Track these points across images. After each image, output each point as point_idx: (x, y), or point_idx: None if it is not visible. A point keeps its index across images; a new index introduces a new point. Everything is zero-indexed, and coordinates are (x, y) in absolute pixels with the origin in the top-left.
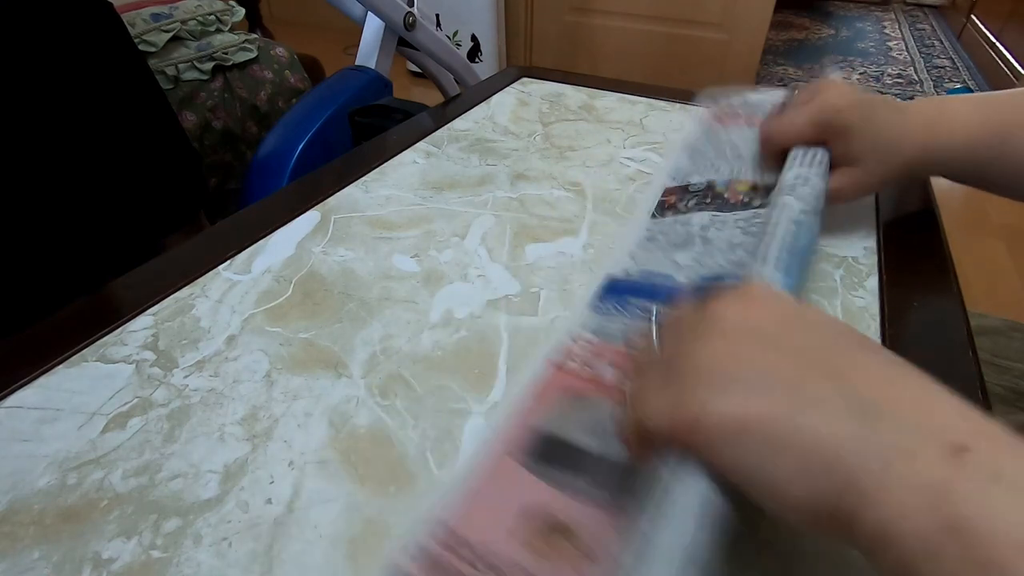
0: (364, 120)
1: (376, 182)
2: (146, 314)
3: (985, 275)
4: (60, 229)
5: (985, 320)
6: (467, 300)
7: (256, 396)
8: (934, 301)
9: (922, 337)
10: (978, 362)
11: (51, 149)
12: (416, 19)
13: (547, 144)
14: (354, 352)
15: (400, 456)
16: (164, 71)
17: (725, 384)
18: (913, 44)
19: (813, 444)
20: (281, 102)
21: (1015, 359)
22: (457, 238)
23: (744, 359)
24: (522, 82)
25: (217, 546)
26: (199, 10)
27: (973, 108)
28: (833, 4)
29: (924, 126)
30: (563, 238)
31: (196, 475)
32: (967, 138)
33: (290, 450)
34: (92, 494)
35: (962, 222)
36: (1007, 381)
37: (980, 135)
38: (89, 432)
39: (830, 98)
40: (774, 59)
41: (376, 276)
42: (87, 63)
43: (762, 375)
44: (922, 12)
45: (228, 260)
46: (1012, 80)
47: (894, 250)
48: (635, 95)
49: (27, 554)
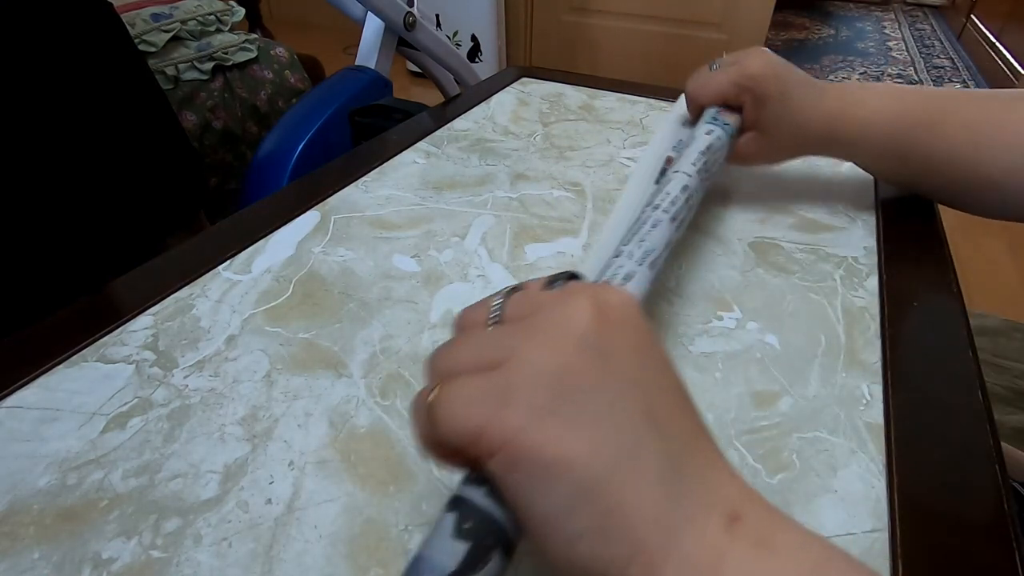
0: (364, 120)
1: (376, 182)
2: (146, 314)
3: (985, 275)
4: (60, 229)
5: (985, 320)
6: (467, 300)
7: (256, 396)
8: (934, 301)
9: (922, 337)
10: (978, 362)
11: (51, 150)
12: (416, 19)
13: (547, 144)
14: (354, 352)
15: (400, 456)
16: (164, 71)
17: (553, 407)
18: (913, 44)
19: (618, 507)
20: (281, 102)
21: (1015, 359)
22: (457, 238)
23: (581, 383)
24: (522, 82)
25: (217, 546)
26: (199, 10)
27: (890, 100)
28: (833, 4)
29: (837, 110)
30: (563, 238)
31: (196, 475)
32: (875, 129)
33: (290, 450)
34: (92, 494)
35: (962, 222)
36: (1007, 381)
37: (888, 129)
38: (89, 432)
39: (752, 65)
40: None
41: (376, 276)
42: (87, 63)
43: (594, 410)
44: (922, 12)
45: (228, 260)
46: (1012, 80)
47: (894, 250)
48: (635, 95)
49: (27, 554)
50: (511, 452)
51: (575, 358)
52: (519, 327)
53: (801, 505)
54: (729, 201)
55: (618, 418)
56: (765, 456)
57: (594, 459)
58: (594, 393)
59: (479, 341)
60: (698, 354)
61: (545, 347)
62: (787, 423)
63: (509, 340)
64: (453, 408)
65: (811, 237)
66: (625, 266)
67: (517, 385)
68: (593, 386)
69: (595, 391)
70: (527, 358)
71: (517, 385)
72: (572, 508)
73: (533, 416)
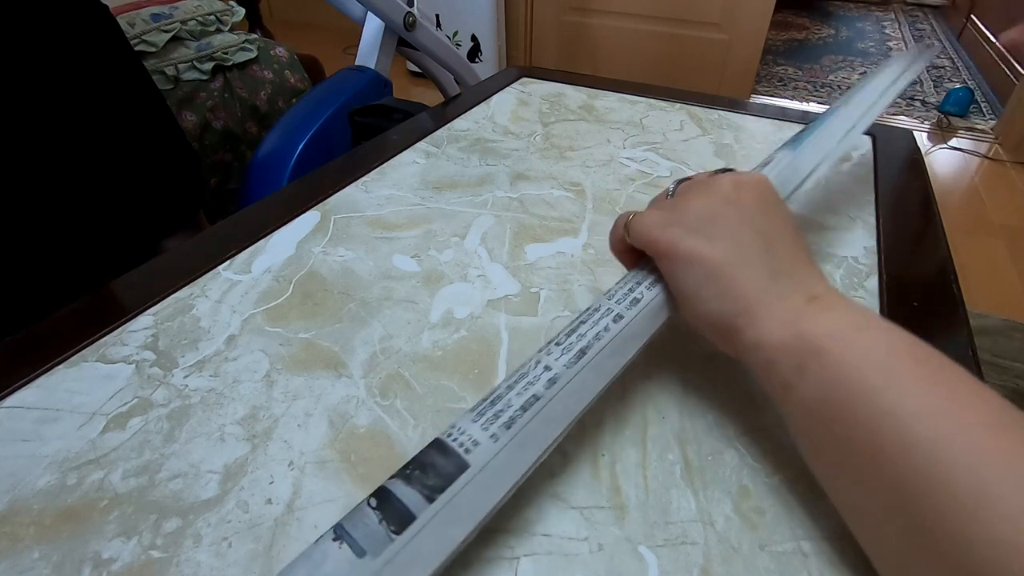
0: (364, 120)
1: (376, 182)
2: (146, 314)
3: (985, 275)
4: (60, 230)
5: (985, 320)
6: (467, 300)
7: (256, 396)
8: (934, 301)
9: (922, 337)
10: (978, 362)
11: (49, 151)
12: (416, 19)
13: (547, 144)
14: (354, 352)
15: (400, 456)
16: (164, 71)
17: (702, 230)
18: (913, 44)
19: (733, 283)
20: (281, 102)
21: (1015, 359)
22: (457, 238)
23: (721, 219)
24: (522, 82)
25: (217, 546)
26: (199, 10)
27: None
28: (833, 4)
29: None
30: (563, 238)
31: (196, 475)
32: None
33: (290, 450)
34: (92, 494)
35: (962, 222)
36: (1007, 381)
37: None
38: (89, 432)
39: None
40: (774, 59)
41: (376, 276)
42: (83, 66)
43: (728, 235)
44: (922, 12)
45: (228, 260)
46: (1012, 80)
47: (894, 250)
48: (635, 95)
49: (27, 554)
50: (670, 251)
51: (717, 206)
52: (684, 194)
53: (801, 505)
54: None
55: (740, 239)
56: (765, 456)
57: (719, 258)
58: (726, 225)
59: (660, 201)
60: (699, 354)
61: (698, 199)
62: None
63: (676, 200)
64: (642, 226)
65: (811, 237)
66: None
67: (679, 217)
68: (727, 222)
69: (727, 224)
70: (687, 204)
71: (679, 217)
72: (702, 284)
73: (685, 233)
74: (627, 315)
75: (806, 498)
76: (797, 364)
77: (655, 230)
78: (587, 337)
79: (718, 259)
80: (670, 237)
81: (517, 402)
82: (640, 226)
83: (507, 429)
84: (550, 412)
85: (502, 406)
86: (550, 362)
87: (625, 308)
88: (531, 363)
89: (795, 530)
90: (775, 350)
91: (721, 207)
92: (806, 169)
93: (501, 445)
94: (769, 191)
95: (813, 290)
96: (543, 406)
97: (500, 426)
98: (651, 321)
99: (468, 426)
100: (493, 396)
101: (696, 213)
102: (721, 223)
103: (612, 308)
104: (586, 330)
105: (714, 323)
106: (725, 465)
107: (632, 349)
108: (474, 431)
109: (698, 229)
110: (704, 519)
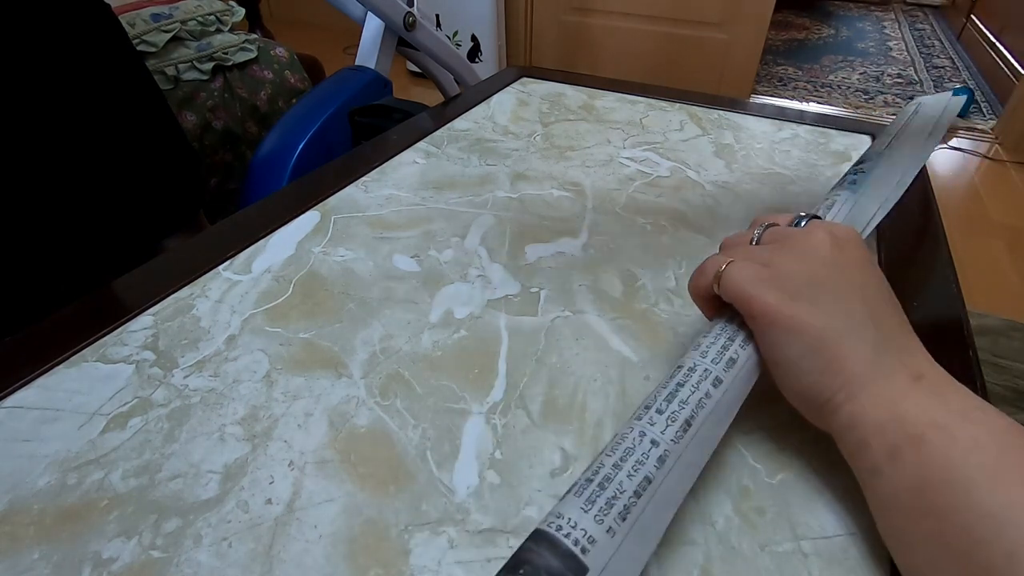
0: (364, 120)
1: (376, 182)
2: (146, 314)
3: (985, 275)
4: (60, 230)
5: (985, 320)
6: (467, 300)
7: (256, 396)
8: (934, 301)
9: (922, 337)
10: (978, 362)
11: (50, 151)
12: (416, 19)
13: (547, 144)
14: (354, 352)
15: (400, 456)
16: (164, 71)
17: (804, 294)
18: (913, 44)
19: (836, 358)
20: (281, 102)
21: (1015, 359)
22: (457, 238)
23: (824, 283)
24: (522, 82)
25: (217, 546)
26: (199, 10)
27: None
28: (833, 4)
29: None
30: (563, 238)
31: (196, 475)
32: None
33: (290, 450)
34: (92, 494)
35: (962, 222)
36: (1007, 381)
37: None
38: (89, 432)
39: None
40: (774, 59)
41: (376, 276)
42: (85, 65)
43: (829, 300)
44: (922, 12)
45: (228, 260)
46: (1012, 80)
47: (894, 250)
48: (635, 95)
49: (27, 554)
50: (771, 316)
51: (819, 269)
52: (777, 247)
53: (801, 505)
54: (729, 201)
55: (845, 307)
56: (765, 456)
57: (825, 328)
58: (830, 291)
59: (749, 250)
60: None
61: (799, 262)
62: (787, 423)
63: (770, 254)
64: (737, 279)
65: None
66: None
67: (777, 276)
68: (829, 287)
69: (830, 290)
70: (786, 267)
71: (777, 276)
72: (804, 356)
73: (787, 298)
74: (725, 379)
75: (806, 498)
76: (891, 449)
77: (751, 287)
78: (690, 405)
79: (823, 330)
80: (771, 300)
81: (629, 486)
82: (734, 280)
83: (623, 521)
84: (664, 495)
85: (613, 491)
86: (655, 435)
87: (722, 370)
88: (635, 436)
89: (795, 530)
90: (869, 430)
91: (822, 269)
92: (870, 212)
93: (619, 540)
94: (864, 248)
95: (919, 368)
96: (656, 489)
97: (615, 517)
98: (745, 385)
99: (579, 517)
100: (600, 478)
101: (797, 274)
102: (824, 288)
103: (710, 370)
104: (687, 395)
105: (811, 398)
106: (725, 465)
107: (730, 417)
108: (587, 524)
109: (799, 293)
110: (704, 519)
